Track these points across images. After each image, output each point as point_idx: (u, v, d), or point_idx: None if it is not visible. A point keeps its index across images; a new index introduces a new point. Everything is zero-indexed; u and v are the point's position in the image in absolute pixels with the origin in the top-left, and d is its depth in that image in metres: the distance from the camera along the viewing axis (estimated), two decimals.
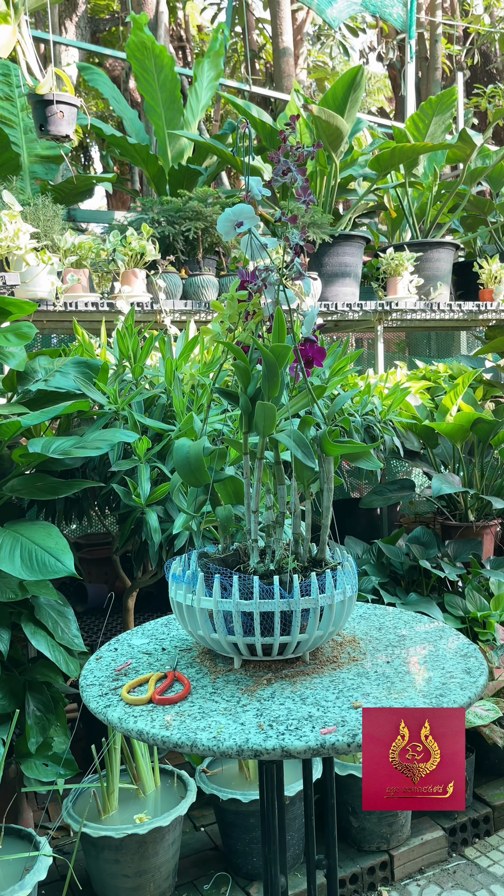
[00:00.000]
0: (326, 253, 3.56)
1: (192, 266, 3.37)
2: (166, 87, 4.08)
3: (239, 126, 4.37)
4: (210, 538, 1.97)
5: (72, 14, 8.50)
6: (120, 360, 2.25)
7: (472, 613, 2.68)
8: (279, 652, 1.17)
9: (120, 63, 9.36)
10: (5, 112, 3.77)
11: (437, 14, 9.41)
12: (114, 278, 3.07)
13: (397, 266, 3.65)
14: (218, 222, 1.17)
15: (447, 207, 4.17)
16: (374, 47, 11.98)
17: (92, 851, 1.98)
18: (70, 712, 2.49)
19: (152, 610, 3.08)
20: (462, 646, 1.27)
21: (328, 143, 3.52)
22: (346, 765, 2.23)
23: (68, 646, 1.92)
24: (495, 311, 3.94)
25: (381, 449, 2.76)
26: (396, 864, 2.22)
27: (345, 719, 1.00)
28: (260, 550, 1.22)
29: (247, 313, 1.20)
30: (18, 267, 2.73)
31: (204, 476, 1.22)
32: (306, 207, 1.15)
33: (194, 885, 2.12)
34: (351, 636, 1.34)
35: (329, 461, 1.21)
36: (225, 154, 3.78)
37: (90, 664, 1.28)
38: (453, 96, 3.92)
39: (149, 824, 1.94)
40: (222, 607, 1.13)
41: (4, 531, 1.78)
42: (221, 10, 11.25)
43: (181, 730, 1.00)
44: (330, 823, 1.40)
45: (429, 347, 5.54)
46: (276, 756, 0.94)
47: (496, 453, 3.17)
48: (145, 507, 1.96)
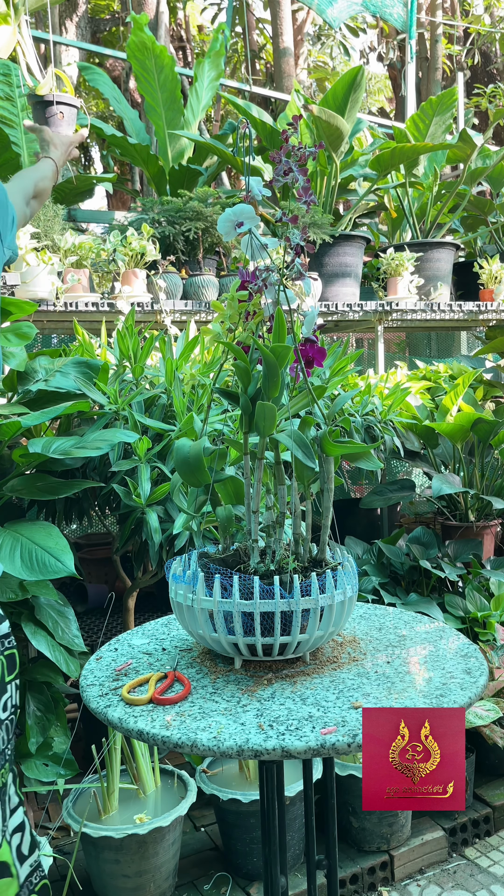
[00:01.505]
0: (327, 253, 3.56)
1: (192, 266, 3.37)
2: (167, 87, 4.08)
3: (239, 126, 4.36)
4: (210, 538, 1.97)
5: (72, 14, 8.50)
6: (120, 360, 2.25)
7: (472, 613, 2.68)
8: (279, 652, 1.17)
9: (120, 63, 9.36)
10: (5, 112, 3.76)
11: (437, 14, 9.41)
12: (114, 278, 3.07)
13: (397, 266, 3.65)
14: (218, 222, 1.17)
15: (447, 207, 4.17)
16: (375, 47, 11.98)
17: (92, 851, 1.98)
18: (70, 712, 2.49)
19: (152, 610, 3.08)
20: (462, 646, 1.27)
21: (328, 143, 3.52)
22: (346, 765, 2.23)
23: (68, 646, 1.92)
24: (495, 312, 3.94)
25: (382, 449, 2.76)
26: (396, 865, 2.22)
27: (345, 719, 1.00)
28: (260, 550, 1.22)
29: (247, 313, 1.20)
30: (19, 267, 2.73)
31: (204, 476, 1.22)
32: (307, 208, 1.15)
33: (194, 885, 2.12)
34: (351, 636, 1.34)
35: (329, 461, 1.21)
36: (225, 154, 3.78)
37: (90, 664, 1.28)
38: (454, 96, 3.92)
39: (149, 824, 1.94)
40: (223, 607, 1.13)
41: (4, 531, 1.78)
42: (222, 10, 11.25)
43: (181, 730, 1.00)
44: (330, 823, 1.40)
45: (429, 347, 5.54)
46: (276, 756, 0.94)
47: (496, 453, 3.17)
48: (145, 507, 1.96)
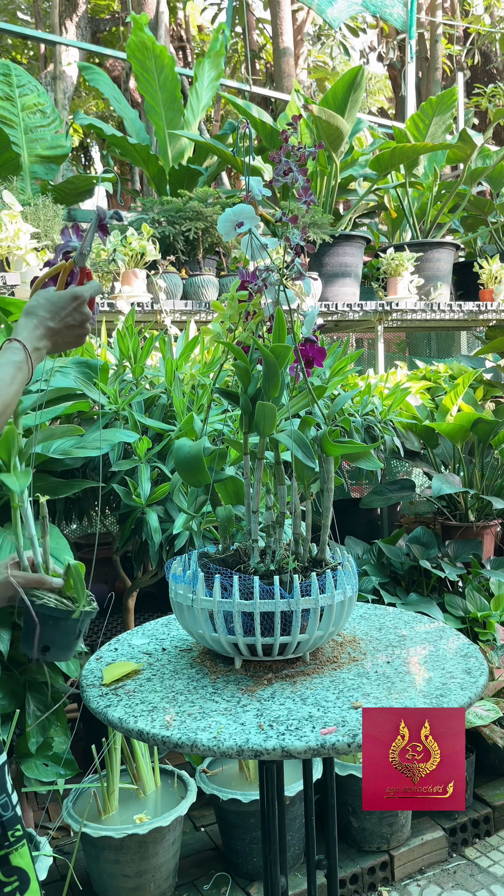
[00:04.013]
0: (327, 253, 3.56)
1: (192, 266, 3.37)
2: (167, 87, 4.08)
3: (239, 126, 4.37)
4: (210, 538, 1.97)
5: (72, 14, 8.50)
6: (120, 360, 2.25)
7: (472, 613, 2.68)
8: (279, 652, 1.17)
9: (120, 63, 9.36)
10: (5, 112, 3.76)
11: (437, 14, 9.41)
12: (114, 278, 3.07)
13: (397, 266, 3.65)
14: (218, 222, 1.17)
15: (447, 207, 4.17)
16: (375, 47, 11.98)
17: (92, 851, 1.98)
18: (70, 712, 2.49)
19: (152, 610, 3.08)
20: (462, 646, 1.27)
21: (328, 143, 3.52)
22: (346, 765, 2.23)
23: None
24: (495, 311, 3.94)
25: (382, 449, 2.76)
26: (397, 865, 2.22)
27: (345, 719, 1.00)
28: (260, 550, 1.22)
29: (247, 313, 1.20)
30: (19, 267, 2.73)
31: (204, 476, 1.22)
32: (307, 208, 1.15)
33: (194, 885, 2.12)
34: (351, 636, 1.34)
35: (329, 461, 1.21)
36: (225, 154, 3.78)
37: (90, 664, 1.28)
38: (453, 96, 3.92)
39: (149, 824, 1.94)
40: (223, 607, 1.13)
41: (5, 531, 1.78)
42: (222, 10, 11.25)
43: (181, 730, 1.00)
44: (330, 823, 1.40)
45: (429, 347, 5.54)
46: (276, 756, 0.94)
47: (496, 453, 3.17)
48: (146, 507, 1.96)
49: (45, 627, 1.13)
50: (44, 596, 1.13)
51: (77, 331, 1.14)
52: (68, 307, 1.12)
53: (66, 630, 1.15)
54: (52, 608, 1.13)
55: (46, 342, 1.11)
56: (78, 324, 1.13)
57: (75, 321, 1.13)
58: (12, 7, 11.07)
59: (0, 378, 1.03)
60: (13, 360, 1.06)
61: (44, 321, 1.11)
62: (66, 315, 1.12)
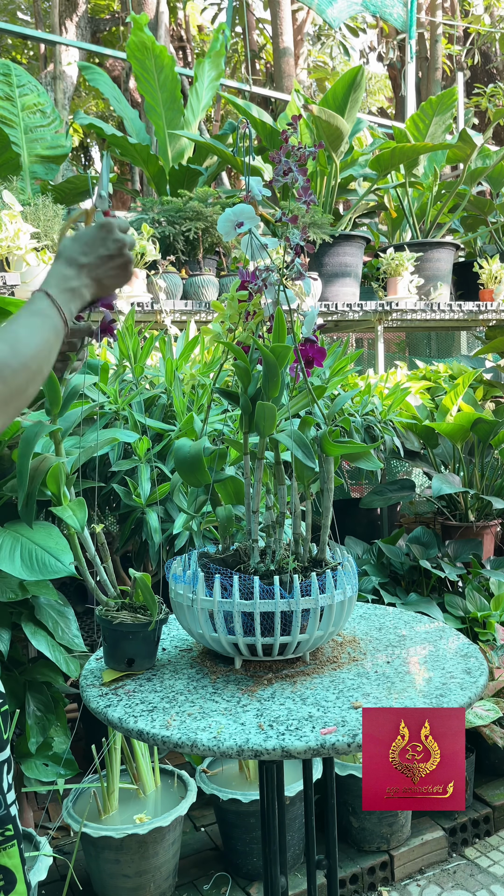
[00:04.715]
0: (327, 253, 3.56)
1: (192, 266, 3.37)
2: (167, 87, 4.08)
3: (239, 126, 4.36)
4: (210, 538, 1.97)
5: (72, 14, 8.50)
6: (120, 360, 2.25)
7: (472, 613, 2.68)
8: (279, 652, 1.17)
9: (120, 63, 9.36)
10: (5, 112, 3.76)
11: (437, 14, 9.41)
12: None
13: (397, 266, 3.65)
14: (218, 222, 1.17)
15: (447, 207, 4.17)
16: (375, 47, 11.98)
17: (92, 851, 1.98)
18: (70, 712, 2.48)
19: None
20: (462, 646, 1.27)
21: (328, 143, 3.52)
22: (346, 765, 2.23)
23: (68, 646, 1.92)
24: (495, 311, 3.94)
25: (382, 449, 2.76)
26: (396, 865, 2.22)
27: (345, 719, 1.00)
28: (260, 550, 1.22)
29: (247, 313, 1.20)
30: (19, 267, 2.73)
31: (204, 476, 1.22)
32: (307, 208, 1.15)
33: (194, 885, 2.12)
34: (351, 636, 1.34)
35: (329, 461, 1.21)
36: (225, 154, 3.78)
37: (90, 664, 1.28)
38: (453, 96, 3.92)
39: (149, 824, 1.94)
40: (223, 607, 1.13)
41: (4, 531, 1.78)
42: (222, 10, 11.25)
43: (181, 730, 1.00)
44: (330, 823, 1.40)
45: (429, 347, 5.54)
46: (276, 756, 0.94)
47: (496, 453, 3.17)
48: (145, 507, 1.96)
49: (125, 643, 1.20)
50: (119, 616, 1.22)
51: (117, 260, 1.03)
52: (97, 237, 1.02)
53: (146, 640, 1.22)
54: (130, 625, 1.20)
55: (85, 279, 1.00)
56: (115, 252, 1.03)
57: (110, 250, 1.02)
58: (12, 7, 11.07)
59: (15, 333, 0.90)
60: (33, 309, 0.94)
61: (73, 260, 1.00)
62: (97, 245, 1.02)
